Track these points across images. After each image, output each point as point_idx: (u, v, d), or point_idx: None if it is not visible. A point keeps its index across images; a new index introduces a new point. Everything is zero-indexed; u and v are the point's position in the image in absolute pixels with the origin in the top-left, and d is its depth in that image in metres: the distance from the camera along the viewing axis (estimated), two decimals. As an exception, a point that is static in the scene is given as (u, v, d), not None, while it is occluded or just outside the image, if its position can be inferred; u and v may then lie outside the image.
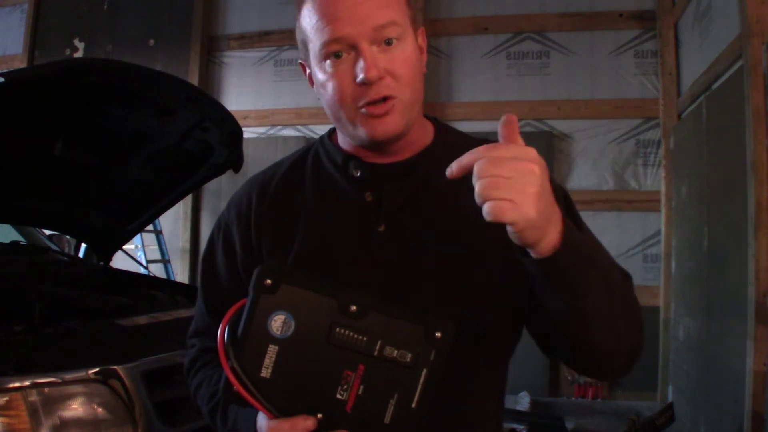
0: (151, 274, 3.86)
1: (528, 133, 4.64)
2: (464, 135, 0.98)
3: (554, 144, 4.61)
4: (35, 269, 2.46)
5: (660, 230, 4.40)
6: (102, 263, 2.84)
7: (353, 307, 0.75)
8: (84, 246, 2.95)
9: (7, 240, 2.76)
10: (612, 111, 4.54)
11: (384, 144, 0.87)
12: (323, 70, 0.84)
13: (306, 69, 0.90)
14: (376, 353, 0.75)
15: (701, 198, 3.51)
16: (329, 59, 0.82)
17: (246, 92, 5.22)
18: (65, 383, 1.55)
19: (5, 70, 1.78)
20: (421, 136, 0.93)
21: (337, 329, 0.75)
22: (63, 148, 2.20)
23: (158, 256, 4.98)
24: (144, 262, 4.68)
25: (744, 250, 2.67)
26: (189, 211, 5.17)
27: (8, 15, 5.76)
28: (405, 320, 0.76)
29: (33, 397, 1.49)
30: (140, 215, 2.70)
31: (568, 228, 0.70)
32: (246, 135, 2.64)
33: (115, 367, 1.62)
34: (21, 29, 5.64)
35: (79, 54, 5.48)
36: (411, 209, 0.88)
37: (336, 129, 0.96)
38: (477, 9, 4.80)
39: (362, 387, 0.75)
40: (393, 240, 0.87)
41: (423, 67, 0.90)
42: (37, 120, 2.03)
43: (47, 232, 3.09)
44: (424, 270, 0.85)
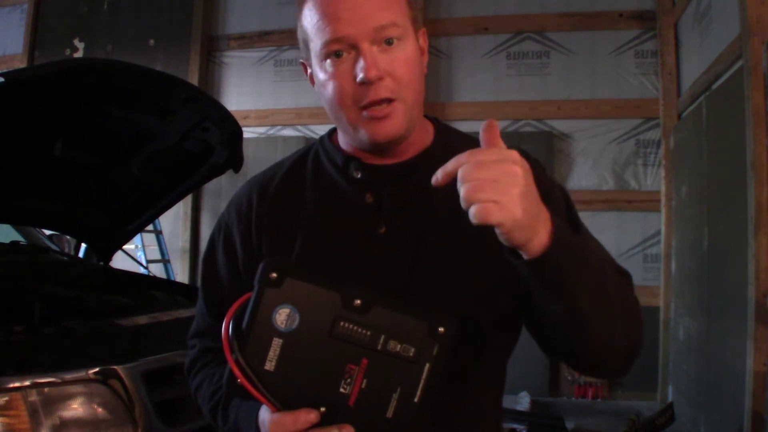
0: (151, 274, 3.86)
1: (528, 133, 4.64)
2: (464, 135, 0.98)
3: (554, 144, 4.61)
4: (35, 269, 2.46)
5: (660, 230, 4.41)
6: (102, 263, 2.84)
7: (357, 302, 0.76)
8: (84, 246, 2.95)
9: (7, 240, 2.76)
10: (612, 111, 4.54)
11: (385, 146, 0.87)
12: (324, 70, 0.84)
13: (307, 68, 0.90)
14: (380, 347, 0.76)
15: (701, 198, 3.51)
16: (330, 59, 0.83)
17: (246, 92, 5.22)
18: (65, 383, 1.55)
19: (5, 70, 1.78)
20: (422, 137, 0.93)
21: (341, 323, 0.76)
22: (63, 148, 2.20)
23: (158, 256, 4.98)
24: (144, 262, 4.68)
25: (744, 250, 2.67)
26: (189, 211, 5.17)
27: (8, 15, 5.77)
28: (408, 315, 0.76)
29: (33, 397, 1.49)
30: (140, 215, 2.70)
31: (558, 228, 0.71)
32: (246, 135, 2.64)
33: (115, 367, 1.62)
34: (21, 29, 5.64)
35: (79, 54, 5.48)
36: (411, 210, 0.88)
37: (336, 130, 0.96)
38: (477, 9, 4.80)
39: (365, 381, 0.76)
40: (393, 241, 0.87)
41: (424, 68, 0.90)
42: (37, 120, 2.03)
43: (47, 232, 3.09)
44: (425, 271, 0.86)
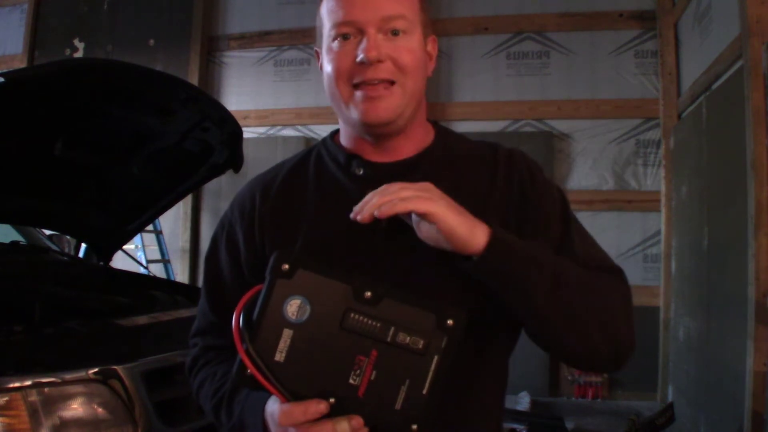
0: (151, 274, 3.86)
1: (528, 133, 4.65)
2: (463, 137, 1.01)
3: (554, 144, 4.61)
4: (35, 269, 2.46)
5: (660, 230, 4.40)
6: (102, 263, 2.84)
7: (368, 294, 0.77)
8: (84, 246, 2.95)
9: (7, 240, 2.76)
10: (612, 111, 4.55)
11: (376, 130, 0.89)
12: (330, 50, 0.89)
13: (319, 57, 0.94)
14: (389, 339, 0.76)
15: (701, 198, 3.51)
16: (337, 40, 0.87)
17: (246, 92, 5.22)
18: (65, 383, 1.55)
19: (5, 70, 1.78)
20: (423, 137, 0.96)
21: (352, 315, 0.76)
22: (63, 148, 2.20)
23: (158, 256, 4.98)
24: (144, 262, 4.68)
25: (744, 250, 2.67)
26: (189, 211, 5.17)
27: (8, 15, 5.76)
28: (418, 308, 0.77)
29: (33, 397, 1.49)
30: (140, 215, 2.70)
31: (497, 231, 0.79)
32: (246, 135, 2.64)
33: (115, 367, 1.61)
34: (21, 29, 5.64)
35: (79, 54, 5.48)
36: None
37: (338, 131, 0.98)
38: (477, 9, 4.80)
39: (375, 372, 0.76)
40: (395, 235, 0.88)
41: (428, 71, 0.93)
42: (37, 120, 2.03)
43: (47, 232, 3.09)
44: (426, 265, 0.87)
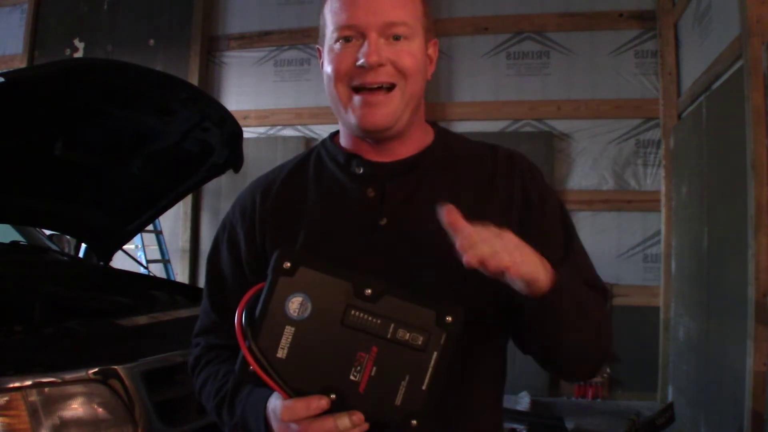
0: (151, 274, 3.86)
1: (528, 133, 4.65)
2: (462, 137, 1.02)
3: (554, 144, 4.61)
4: (35, 269, 2.46)
5: (660, 230, 4.40)
6: (102, 263, 2.83)
7: (368, 291, 0.78)
8: (84, 246, 2.95)
9: (7, 240, 2.76)
10: (612, 111, 4.54)
11: (373, 135, 0.91)
12: (331, 51, 0.90)
13: (321, 55, 0.95)
14: (389, 336, 0.77)
15: (701, 198, 3.51)
16: (339, 42, 0.89)
17: (246, 92, 5.21)
18: (65, 383, 1.55)
19: (5, 70, 1.78)
20: (422, 138, 0.97)
21: (353, 312, 0.78)
22: (63, 148, 2.20)
23: (158, 256, 4.98)
24: (144, 262, 4.67)
25: (744, 250, 2.67)
26: (189, 211, 5.17)
27: (8, 15, 5.76)
28: (418, 304, 0.78)
29: (33, 397, 1.49)
30: (140, 215, 2.70)
31: (561, 276, 0.81)
32: (246, 135, 2.64)
33: (115, 367, 1.61)
34: (21, 29, 5.64)
35: (79, 54, 5.48)
36: (412, 204, 0.91)
37: (338, 132, 0.99)
38: (477, 9, 4.80)
39: (375, 369, 0.77)
40: (394, 233, 0.90)
41: (428, 74, 0.94)
42: (37, 120, 2.03)
43: (47, 232, 3.09)
44: (425, 262, 0.88)
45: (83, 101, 2.02)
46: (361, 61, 0.86)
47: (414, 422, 0.77)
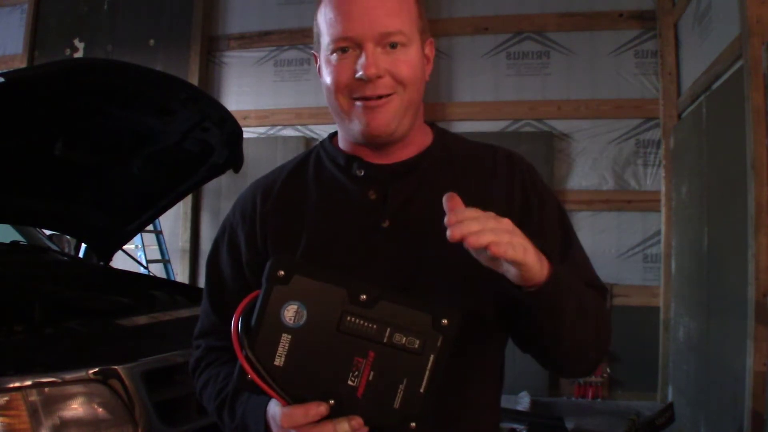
0: (151, 274, 3.86)
1: (528, 133, 4.65)
2: (461, 137, 1.03)
3: (554, 144, 4.61)
4: (35, 269, 2.46)
5: (660, 230, 4.41)
6: (102, 263, 2.83)
7: (363, 297, 0.78)
8: (84, 246, 2.95)
9: (7, 240, 2.76)
10: (612, 111, 4.55)
11: (375, 141, 0.91)
12: (329, 62, 0.90)
13: (317, 60, 0.95)
14: (386, 340, 0.78)
15: (701, 198, 3.51)
16: (336, 53, 0.89)
17: (246, 92, 5.22)
18: (65, 383, 1.55)
19: (5, 70, 1.78)
20: (421, 139, 0.98)
21: (348, 318, 0.78)
22: (63, 148, 2.20)
23: (158, 256, 4.98)
24: (144, 262, 4.67)
25: (744, 250, 2.67)
26: (189, 211, 5.17)
27: (8, 15, 5.76)
28: (413, 308, 0.78)
29: (33, 397, 1.49)
30: (140, 215, 2.70)
31: (557, 268, 0.81)
32: (246, 135, 2.64)
33: (115, 367, 1.62)
34: (21, 29, 5.64)
35: (79, 54, 5.47)
36: (413, 206, 0.92)
37: (336, 133, 1.00)
38: (477, 9, 4.80)
39: (372, 373, 0.78)
40: (397, 235, 0.90)
41: (426, 75, 0.94)
42: (37, 120, 2.03)
43: (47, 232, 3.09)
44: (427, 263, 0.89)
45: (83, 101, 2.02)
46: (360, 74, 0.86)
47: (413, 425, 0.78)
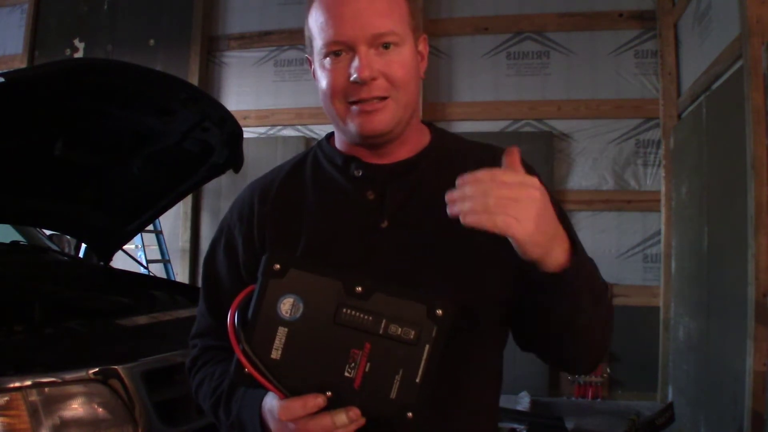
0: (151, 274, 3.86)
1: (528, 133, 4.64)
2: (459, 137, 1.03)
3: (554, 144, 4.61)
4: (35, 269, 2.46)
5: (660, 230, 4.41)
6: (102, 263, 2.84)
7: (358, 288, 0.79)
8: (84, 246, 2.95)
9: (7, 240, 2.76)
10: (612, 111, 4.55)
11: (372, 141, 0.91)
12: (323, 66, 0.90)
13: (312, 64, 0.95)
14: (382, 331, 0.78)
15: (701, 198, 3.51)
16: (329, 57, 0.88)
17: (246, 92, 5.22)
18: (65, 383, 1.55)
19: (5, 70, 1.78)
20: (419, 139, 0.98)
21: (344, 310, 0.78)
22: (63, 148, 2.20)
23: (158, 256, 4.98)
24: (144, 262, 4.67)
25: (744, 250, 2.67)
26: (189, 211, 5.17)
27: (8, 15, 5.76)
28: (408, 299, 0.79)
29: (33, 397, 1.49)
30: (140, 215, 2.70)
31: (576, 248, 0.79)
32: (246, 135, 2.64)
33: (115, 367, 1.62)
34: (21, 29, 5.63)
35: (79, 54, 5.47)
36: (412, 206, 0.92)
37: (333, 133, 1.00)
38: (477, 9, 4.80)
39: (369, 364, 0.78)
40: (395, 235, 0.90)
41: (421, 73, 0.94)
42: (37, 120, 2.03)
43: (47, 232, 3.09)
44: (426, 263, 0.89)
45: (83, 101, 2.02)
46: (354, 77, 0.86)
47: (410, 414, 0.78)
